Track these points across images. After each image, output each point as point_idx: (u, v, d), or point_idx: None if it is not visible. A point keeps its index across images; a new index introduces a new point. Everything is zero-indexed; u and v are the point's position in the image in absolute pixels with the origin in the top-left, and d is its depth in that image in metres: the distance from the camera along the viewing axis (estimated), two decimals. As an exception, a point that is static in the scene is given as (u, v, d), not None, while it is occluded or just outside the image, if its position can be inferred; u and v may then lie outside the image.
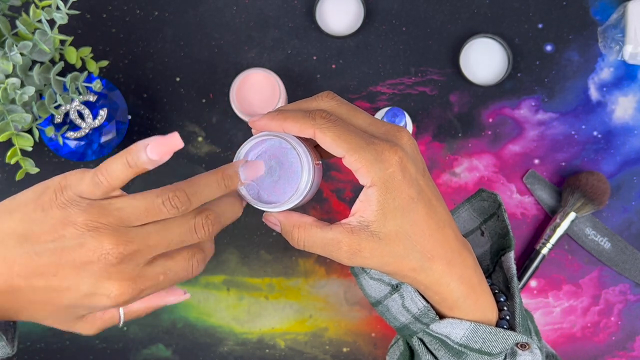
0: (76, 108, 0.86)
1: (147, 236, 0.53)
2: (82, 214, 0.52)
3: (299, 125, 0.56)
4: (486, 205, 0.68)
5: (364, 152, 0.55)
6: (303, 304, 0.91)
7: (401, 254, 0.57)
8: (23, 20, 0.78)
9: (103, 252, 0.52)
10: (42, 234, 0.52)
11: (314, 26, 0.92)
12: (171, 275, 0.55)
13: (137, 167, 0.53)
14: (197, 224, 0.55)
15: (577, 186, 0.88)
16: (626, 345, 0.91)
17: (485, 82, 0.91)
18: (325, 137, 0.55)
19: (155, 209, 0.53)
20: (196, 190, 0.55)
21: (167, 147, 0.53)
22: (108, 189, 0.53)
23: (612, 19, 0.91)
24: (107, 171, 0.53)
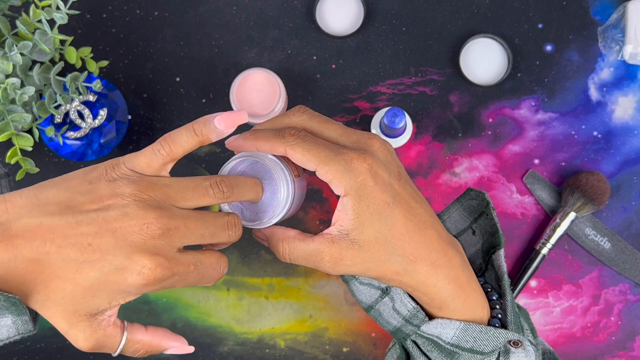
0: (76, 108, 0.86)
1: (187, 219, 0.54)
2: (131, 185, 0.53)
3: (270, 144, 0.58)
4: (475, 204, 0.69)
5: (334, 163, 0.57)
6: (303, 304, 0.91)
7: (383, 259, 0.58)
8: (23, 20, 0.78)
9: (146, 222, 0.52)
10: (86, 203, 0.52)
11: (314, 26, 0.92)
12: (201, 269, 0.56)
13: (203, 135, 0.56)
14: (230, 221, 0.57)
15: (577, 186, 0.88)
16: (626, 345, 0.91)
17: (485, 82, 0.91)
18: (296, 154, 0.57)
19: (202, 190, 0.55)
20: (237, 183, 0.57)
21: (233, 119, 0.57)
22: (167, 157, 0.55)
23: (612, 19, 0.91)
24: (172, 138, 0.55)
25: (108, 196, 0.53)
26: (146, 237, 0.52)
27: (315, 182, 0.92)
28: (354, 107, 0.92)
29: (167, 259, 0.53)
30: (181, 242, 0.54)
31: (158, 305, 0.91)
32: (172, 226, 0.53)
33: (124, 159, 0.55)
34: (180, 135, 0.56)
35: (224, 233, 0.57)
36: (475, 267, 0.69)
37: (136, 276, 0.52)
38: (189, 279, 0.56)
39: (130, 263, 0.52)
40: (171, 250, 0.54)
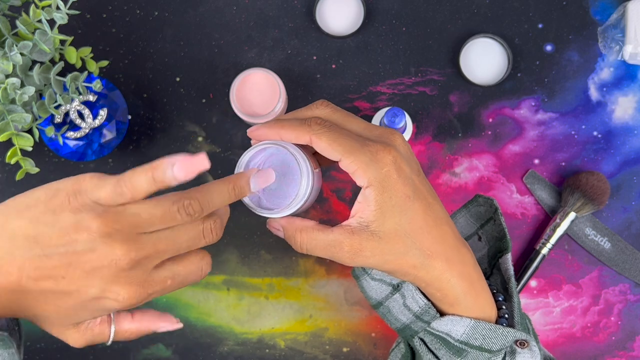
0: (76, 108, 0.86)
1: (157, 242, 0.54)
2: (97, 219, 0.52)
3: (295, 132, 0.58)
4: (482, 210, 0.70)
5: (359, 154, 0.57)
6: (303, 304, 0.91)
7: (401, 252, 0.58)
8: (23, 20, 0.78)
9: (114, 257, 0.52)
10: (53, 237, 0.53)
11: (314, 26, 0.92)
12: (179, 279, 0.56)
13: (162, 183, 0.55)
14: (206, 229, 0.56)
15: (577, 186, 0.88)
16: (626, 345, 0.91)
17: (485, 82, 0.91)
18: (321, 142, 0.57)
19: (170, 215, 0.54)
20: (209, 198, 0.56)
21: (194, 167, 0.55)
22: (130, 200, 0.54)
23: (612, 19, 0.91)
24: (132, 183, 0.54)
25: (74, 230, 0.52)
26: (117, 270, 0.53)
27: (315, 182, 0.92)
28: (354, 107, 0.92)
29: (140, 285, 0.54)
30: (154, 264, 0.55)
31: (158, 306, 0.91)
32: (140, 256, 0.53)
33: (86, 188, 0.54)
34: (140, 182, 0.55)
35: (200, 242, 0.57)
36: None
37: (113, 302, 0.54)
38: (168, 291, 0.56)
39: (104, 293, 0.53)
40: (144, 274, 0.54)
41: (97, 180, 0.54)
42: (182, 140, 0.92)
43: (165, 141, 0.92)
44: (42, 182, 0.91)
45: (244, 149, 0.92)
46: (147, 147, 0.92)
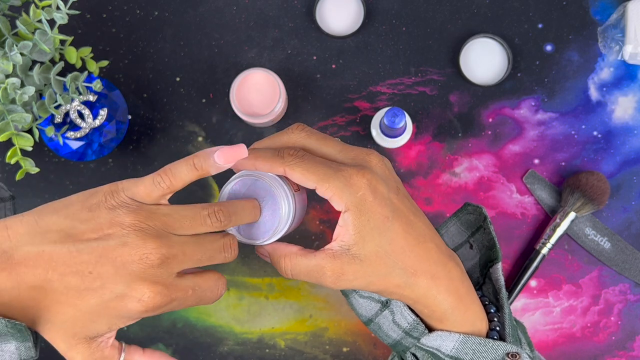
0: (76, 108, 0.86)
1: (185, 245, 0.55)
2: (130, 214, 0.54)
3: (269, 164, 0.59)
4: (472, 218, 0.70)
5: (333, 180, 0.58)
6: (303, 303, 0.91)
7: (384, 273, 0.59)
8: (23, 20, 0.78)
9: (145, 252, 0.53)
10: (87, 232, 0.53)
11: (314, 26, 0.92)
12: (199, 292, 0.57)
13: (203, 169, 0.57)
14: (226, 243, 0.59)
15: (577, 186, 0.88)
16: (626, 345, 0.91)
17: (485, 82, 0.91)
18: (295, 173, 0.58)
19: (200, 219, 0.56)
20: (235, 210, 0.58)
21: (234, 154, 0.57)
22: (167, 190, 0.56)
23: (611, 19, 0.91)
24: (172, 172, 0.56)
25: (108, 225, 0.53)
26: (145, 266, 0.53)
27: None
28: (354, 107, 0.92)
29: (165, 287, 0.54)
30: (179, 268, 0.56)
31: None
32: (170, 255, 0.54)
33: (123, 186, 0.55)
34: (181, 169, 0.57)
35: (220, 255, 0.58)
36: (472, 280, 0.70)
37: (136, 303, 0.54)
38: (187, 302, 0.57)
39: (130, 291, 0.53)
40: (169, 277, 0.55)
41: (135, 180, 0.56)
42: (182, 140, 0.92)
43: (165, 141, 0.92)
44: (42, 182, 0.92)
45: (244, 149, 0.92)
46: (147, 147, 0.92)
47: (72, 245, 0.53)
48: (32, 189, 0.91)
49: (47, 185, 0.91)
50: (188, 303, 0.57)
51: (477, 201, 0.91)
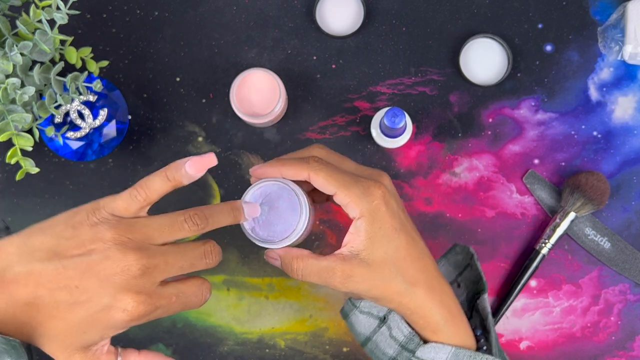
0: (76, 108, 0.86)
1: (166, 254, 0.58)
2: (111, 229, 0.57)
3: (295, 169, 0.64)
4: (460, 258, 0.76)
5: (352, 188, 0.63)
6: (303, 303, 0.91)
7: (387, 278, 0.64)
8: (23, 20, 0.79)
9: (127, 264, 0.56)
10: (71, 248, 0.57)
11: (314, 26, 0.92)
12: (183, 299, 0.60)
13: (175, 180, 0.60)
14: (207, 250, 0.61)
15: (576, 186, 0.88)
16: (626, 345, 0.91)
17: (485, 82, 0.91)
18: (318, 178, 0.63)
19: (178, 225, 0.59)
20: (212, 213, 0.61)
21: (203, 164, 0.61)
22: (144, 202, 0.60)
23: (611, 19, 0.91)
24: (147, 185, 0.60)
25: (90, 241, 0.57)
26: (128, 277, 0.56)
27: (315, 182, 0.92)
28: (354, 107, 0.92)
29: (149, 295, 0.57)
30: (161, 277, 0.58)
31: (158, 305, 0.91)
32: (151, 265, 0.57)
33: (103, 203, 0.59)
34: (155, 182, 0.60)
35: (202, 262, 0.61)
36: None
37: (121, 314, 0.57)
38: (172, 309, 0.59)
39: (115, 302, 0.56)
40: (152, 286, 0.57)
41: (114, 196, 0.59)
42: (182, 140, 0.92)
43: (165, 141, 0.92)
44: (42, 182, 0.92)
45: (244, 149, 0.92)
46: (147, 147, 0.92)
47: (59, 262, 0.56)
48: (32, 189, 0.91)
49: (47, 185, 0.91)
50: (173, 309, 0.60)
51: (477, 201, 0.91)
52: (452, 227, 0.91)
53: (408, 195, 0.92)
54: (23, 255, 0.57)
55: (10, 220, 0.91)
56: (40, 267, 0.56)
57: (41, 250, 0.57)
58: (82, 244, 0.57)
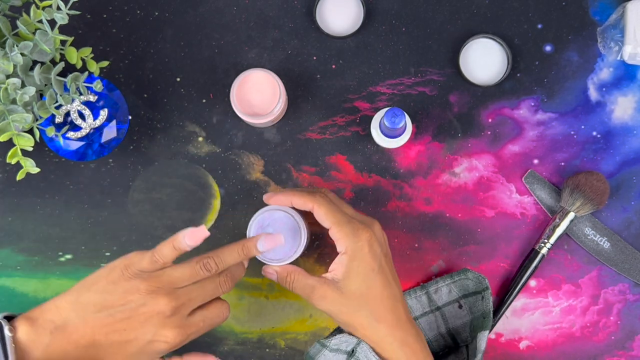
0: (77, 108, 0.86)
1: (189, 293, 0.74)
2: (144, 282, 0.72)
3: (303, 199, 0.77)
4: (470, 284, 0.86)
5: (344, 227, 0.75)
6: (303, 303, 0.92)
7: (355, 309, 0.75)
8: (24, 21, 0.79)
9: (160, 308, 0.72)
10: (115, 301, 0.72)
11: (314, 26, 0.92)
12: (208, 322, 0.75)
13: (180, 249, 0.74)
14: (221, 281, 0.76)
15: (576, 186, 0.88)
16: (625, 344, 0.91)
17: (484, 82, 0.91)
18: (320, 211, 0.76)
19: (195, 272, 0.74)
20: (222, 257, 0.76)
21: (198, 236, 0.74)
22: (162, 265, 0.74)
23: (611, 20, 0.91)
24: (160, 252, 0.74)
25: (129, 293, 0.72)
26: (162, 317, 0.72)
27: (315, 182, 0.92)
28: (353, 107, 0.92)
29: (181, 327, 0.73)
30: (188, 311, 0.74)
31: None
32: (178, 304, 0.73)
33: (132, 262, 0.73)
34: (166, 250, 0.74)
35: (218, 291, 0.76)
36: (460, 338, 0.87)
37: (163, 345, 0.73)
38: (201, 332, 0.75)
39: (156, 337, 0.72)
40: (182, 319, 0.73)
41: (140, 255, 0.74)
42: (182, 141, 0.92)
43: (165, 141, 0.92)
44: (43, 182, 0.92)
45: (244, 149, 0.92)
46: (147, 147, 0.92)
47: (107, 312, 0.71)
48: (32, 188, 0.91)
49: (47, 185, 0.91)
50: (202, 331, 0.75)
51: (477, 201, 0.91)
52: (452, 227, 0.92)
53: (408, 195, 0.92)
54: (77, 310, 0.71)
55: (10, 220, 0.91)
56: (93, 318, 0.71)
57: (91, 304, 0.71)
58: (123, 297, 0.72)
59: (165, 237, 0.91)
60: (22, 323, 0.70)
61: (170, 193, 0.91)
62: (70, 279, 0.91)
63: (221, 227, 0.91)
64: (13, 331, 0.70)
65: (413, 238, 0.92)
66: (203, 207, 0.91)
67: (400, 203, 0.92)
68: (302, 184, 0.92)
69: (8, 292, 0.91)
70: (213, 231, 0.91)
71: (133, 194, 0.92)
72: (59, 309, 0.72)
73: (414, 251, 0.91)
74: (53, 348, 0.70)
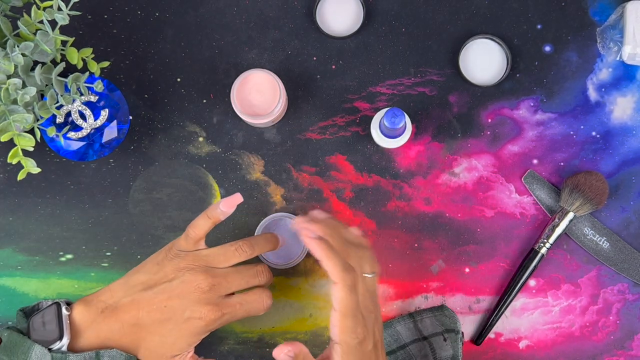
0: (77, 108, 0.86)
1: (226, 274, 0.78)
2: (182, 261, 0.78)
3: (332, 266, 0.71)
4: (447, 321, 0.88)
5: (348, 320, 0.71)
6: (303, 303, 0.92)
7: None
8: (24, 21, 0.79)
9: (197, 283, 0.77)
10: (158, 279, 0.78)
11: (314, 27, 0.92)
12: (246, 306, 0.79)
13: (214, 217, 0.80)
14: (258, 270, 0.81)
15: (575, 186, 0.88)
16: (625, 344, 0.91)
17: (484, 82, 0.92)
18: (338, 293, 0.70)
19: (230, 253, 0.79)
20: (256, 242, 0.81)
21: (233, 202, 0.80)
22: (195, 238, 0.79)
23: (610, 20, 0.91)
24: (194, 225, 0.80)
25: (171, 271, 0.78)
26: (199, 292, 0.77)
27: (315, 182, 0.92)
28: (353, 107, 0.92)
29: (217, 305, 0.77)
30: (225, 291, 0.78)
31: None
32: (215, 282, 0.77)
33: (173, 244, 0.80)
34: (199, 221, 0.80)
35: (255, 279, 0.80)
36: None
37: (198, 321, 0.77)
38: (238, 314, 0.79)
39: (192, 313, 0.76)
40: (219, 298, 0.77)
41: (178, 238, 0.80)
42: (182, 141, 0.92)
43: (166, 141, 0.92)
44: (44, 182, 0.92)
45: (245, 149, 0.93)
46: (148, 147, 0.92)
47: (150, 291, 0.77)
48: (33, 188, 0.91)
49: (48, 185, 0.91)
50: (239, 315, 0.79)
51: (477, 201, 0.91)
52: (452, 227, 0.92)
53: (408, 195, 0.92)
54: (127, 290, 0.78)
55: (11, 220, 0.91)
56: (139, 296, 0.77)
57: (138, 284, 0.78)
58: (165, 275, 0.78)
59: (166, 237, 0.91)
60: (78, 304, 0.78)
61: (170, 193, 0.92)
62: (71, 279, 0.91)
63: (221, 227, 0.91)
64: (70, 310, 0.77)
65: (413, 238, 0.92)
66: (203, 207, 0.91)
67: (400, 203, 0.92)
68: (302, 184, 0.92)
69: (9, 291, 0.91)
70: (213, 231, 0.92)
71: (134, 194, 0.92)
72: (111, 291, 0.78)
73: (414, 251, 0.92)
74: (102, 325, 0.77)
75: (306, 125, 0.92)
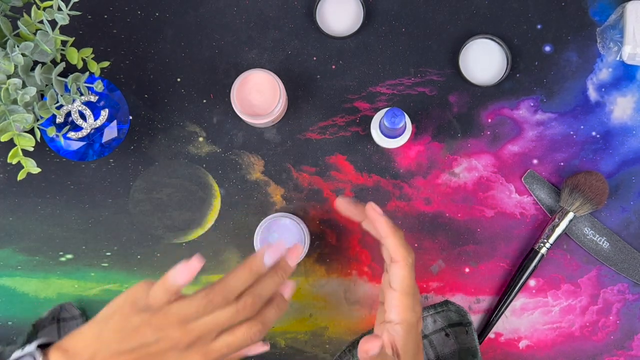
0: (77, 108, 0.86)
1: (204, 325, 0.70)
2: (153, 317, 0.69)
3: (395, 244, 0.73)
4: (453, 316, 0.87)
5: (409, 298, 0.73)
6: (303, 303, 0.92)
7: None
8: (24, 21, 0.79)
9: (173, 343, 0.69)
10: (131, 338, 0.69)
11: (314, 27, 0.92)
12: (234, 346, 0.71)
13: (173, 291, 0.70)
14: (239, 307, 0.70)
15: (575, 186, 0.88)
16: (624, 344, 0.91)
17: (484, 82, 0.92)
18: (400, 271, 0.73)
19: (202, 307, 0.70)
20: (230, 288, 0.70)
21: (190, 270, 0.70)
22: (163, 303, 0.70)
23: (610, 20, 0.91)
24: (155, 296, 0.70)
25: (142, 327, 0.69)
26: (179, 351, 0.69)
27: (315, 182, 0.92)
28: (353, 107, 0.92)
29: (203, 354, 0.70)
30: (210, 338, 0.70)
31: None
32: (193, 337, 0.69)
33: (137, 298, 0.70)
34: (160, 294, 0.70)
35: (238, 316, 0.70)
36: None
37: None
38: (228, 355, 0.71)
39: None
40: (204, 345, 0.70)
41: (144, 289, 0.70)
42: (182, 141, 0.92)
43: (166, 141, 0.92)
44: (44, 182, 0.92)
45: (244, 150, 0.93)
46: (148, 147, 0.92)
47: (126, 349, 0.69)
48: (33, 188, 0.91)
49: (48, 185, 0.92)
50: (229, 355, 0.71)
51: (477, 201, 0.92)
52: (452, 227, 0.92)
53: (408, 195, 0.92)
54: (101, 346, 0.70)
55: (11, 220, 0.91)
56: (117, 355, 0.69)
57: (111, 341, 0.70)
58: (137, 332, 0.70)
59: (166, 237, 0.91)
60: (55, 353, 0.71)
61: (170, 193, 0.92)
62: (71, 279, 0.91)
63: (221, 227, 0.91)
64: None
65: (413, 238, 0.92)
66: (203, 207, 0.91)
67: (400, 203, 0.92)
68: (302, 184, 0.92)
69: (9, 291, 0.91)
70: (213, 231, 0.91)
71: (134, 194, 0.92)
72: (85, 342, 0.71)
73: (414, 251, 0.92)
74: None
75: (306, 125, 0.92)
